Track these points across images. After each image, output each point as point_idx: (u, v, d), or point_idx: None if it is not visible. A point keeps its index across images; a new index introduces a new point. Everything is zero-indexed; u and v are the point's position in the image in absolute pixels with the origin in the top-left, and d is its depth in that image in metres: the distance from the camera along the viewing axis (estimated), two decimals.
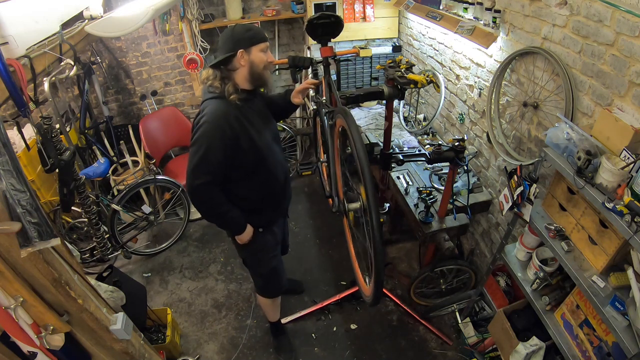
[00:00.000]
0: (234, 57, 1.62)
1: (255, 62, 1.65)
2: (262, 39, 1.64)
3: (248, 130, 1.68)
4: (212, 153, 1.60)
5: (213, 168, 1.61)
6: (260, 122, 1.78)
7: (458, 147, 1.98)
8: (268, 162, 1.80)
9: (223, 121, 1.60)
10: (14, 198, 1.01)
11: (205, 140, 1.59)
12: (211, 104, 1.64)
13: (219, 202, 1.72)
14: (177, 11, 3.41)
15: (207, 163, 1.60)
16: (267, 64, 1.68)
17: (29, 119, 1.83)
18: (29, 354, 1.26)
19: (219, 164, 1.62)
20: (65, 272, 1.25)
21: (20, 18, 1.72)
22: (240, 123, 1.65)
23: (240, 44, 1.61)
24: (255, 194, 1.85)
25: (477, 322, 2.42)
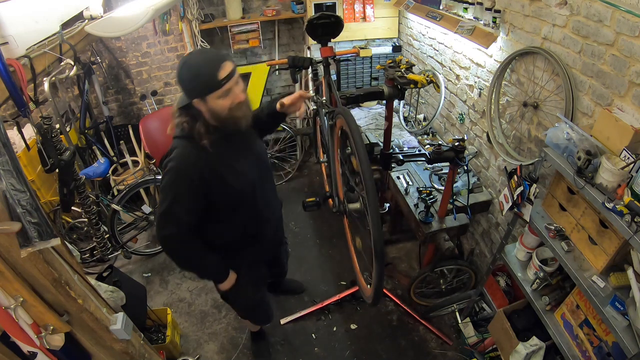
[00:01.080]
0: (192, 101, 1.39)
1: (215, 110, 1.38)
2: (215, 85, 1.31)
3: (224, 177, 1.48)
4: (179, 204, 1.43)
5: (181, 218, 1.45)
6: (243, 161, 1.56)
7: (458, 147, 1.98)
8: (253, 203, 1.63)
9: (191, 170, 1.41)
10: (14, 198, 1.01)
11: (171, 190, 1.43)
12: (180, 145, 1.44)
13: (191, 252, 1.55)
14: (177, 11, 3.41)
15: (174, 214, 1.43)
16: (234, 106, 1.39)
17: (29, 119, 1.83)
18: (29, 354, 1.26)
19: (188, 212, 1.46)
20: (65, 272, 1.25)
21: (20, 18, 1.72)
22: (213, 170, 1.44)
23: (192, 95, 1.36)
24: (236, 235, 1.69)
25: (477, 322, 2.42)
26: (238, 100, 1.39)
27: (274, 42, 4.04)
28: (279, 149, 4.24)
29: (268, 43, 4.03)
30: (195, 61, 1.35)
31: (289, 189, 4.07)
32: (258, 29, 3.70)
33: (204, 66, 1.31)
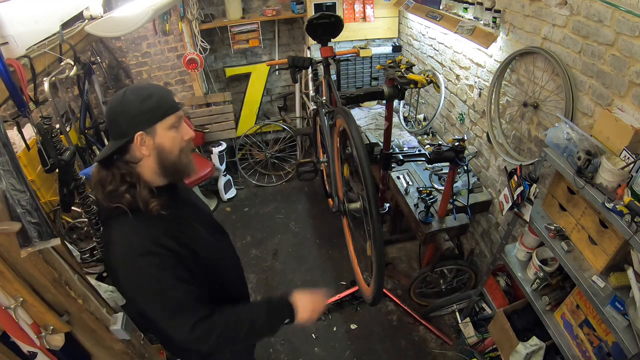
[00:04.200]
0: (131, 144, 1.06)
1: (164, 146, 1.08)
2: (170, 108, 1.07)
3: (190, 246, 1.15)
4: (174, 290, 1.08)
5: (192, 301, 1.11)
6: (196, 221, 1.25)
7: (458, 147, 1.98)
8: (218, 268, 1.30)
9: (152, 246, 1.05)
10: (14, 198, 1.01)
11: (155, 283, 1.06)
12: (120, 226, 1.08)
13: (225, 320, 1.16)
14: (177, 11, 3.41)
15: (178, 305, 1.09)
16: (184, 146, 1.12)
17: (29, 119, 1.83)
18: (29, 354, 1.26)
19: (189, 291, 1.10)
20: (65, 272, 1.25)
21: (20, 18, 1.71)
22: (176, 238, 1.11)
23: (137, 123, 1.04)
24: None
25: (477, 322, 2.42)
26: (188, 135, 1.13)
27: (274, 42, 4.04)
28: (279, 149, 4.24)
29: (268, 43, 4.03)
30: (142, 86, 1.15)
31: (289, 188, 4.07)
32: (258, 29, 3.70)
33: (155, 88, 1.09)
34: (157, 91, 1.08)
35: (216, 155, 3.70)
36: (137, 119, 1.04)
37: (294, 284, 3.00)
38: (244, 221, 3.66)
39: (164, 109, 1.06)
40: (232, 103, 3.94)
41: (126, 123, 1.04)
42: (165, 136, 1.08)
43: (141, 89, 1.07)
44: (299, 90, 4.03)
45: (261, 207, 3.84)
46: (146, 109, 1.04)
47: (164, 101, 1.07)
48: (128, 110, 1.04)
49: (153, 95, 1.06)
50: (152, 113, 1.05)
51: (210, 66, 4.00)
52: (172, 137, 1.09)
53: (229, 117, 3.93)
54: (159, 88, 1.11)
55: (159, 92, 1.08)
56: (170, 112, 1.07)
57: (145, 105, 1.04)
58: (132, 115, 1.04)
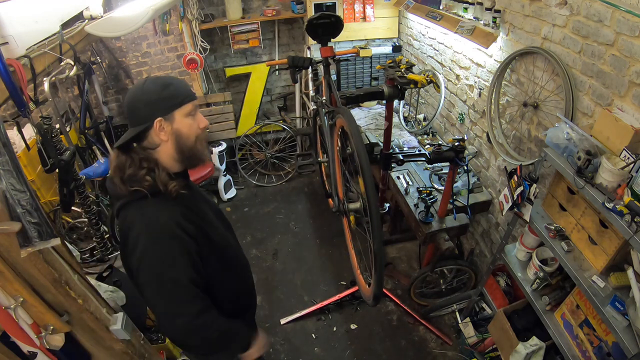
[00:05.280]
0: (150, 130, 1.11)
1: (182, 132, 1.13)
2: (187, 97, 1.13)
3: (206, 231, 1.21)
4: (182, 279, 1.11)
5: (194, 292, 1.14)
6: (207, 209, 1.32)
7: (458, 147, 1.98)
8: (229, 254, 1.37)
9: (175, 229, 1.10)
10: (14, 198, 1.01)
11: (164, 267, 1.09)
12: (141, 209, 1.11)
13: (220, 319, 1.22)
14: (177, 11, 3.41)
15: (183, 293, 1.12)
16: (199, 133, 1.18)
17: (29, 119, 1.83)
18: (29, 354, 1.26)
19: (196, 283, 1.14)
20: (65, 272, 1.25)
21: (20, 18, 1.71)
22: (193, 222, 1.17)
23: (157, 110, 1.10)
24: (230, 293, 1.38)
25: (477, 322, 2.42)
26: (204, 124, 1.19)
27: (274, 42, 4.04)
28: (279, 149, 4.24)
29: (268, 43, 4.03)
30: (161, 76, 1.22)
31: (289, 188, 4.07)
32: (258, 29, 3.70)
33: (174, 79, 1.16)
34: (175, 81, 1.15)
35: (216, 155, 3.70)
36: (157, 105, 1.10)
37: (294, 284, 3.00)
38: (244, 221, 3.66)
39: (182, 97, 1.12)
40: (232, 103, 3.94)
41: (146, 109, 1.10)
42: (183, 122, 1.14)
43: (161, 79, 1.14)
44: (299, 90, 4.04)
45: (261, 207, 3.84)
46: (166, 96, 1.10)
47: (182, 89, 1.14)
48: (148, 98, 1.10)
49: (172, 84, 1.13)
50: (172, 100, 1.11)
51: (210, 66, 4.00)
52: (189, 124, 1.15)
53: (229, 117, 3.93)
54: (177, 79, 1.18)
55: (177, 81, 1.15)
56: (188, 100, 1.13)
57: (165, 93, 1.10)
58: (152, 101, 1.10)
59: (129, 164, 1.12)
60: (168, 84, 1.12)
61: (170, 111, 1.11)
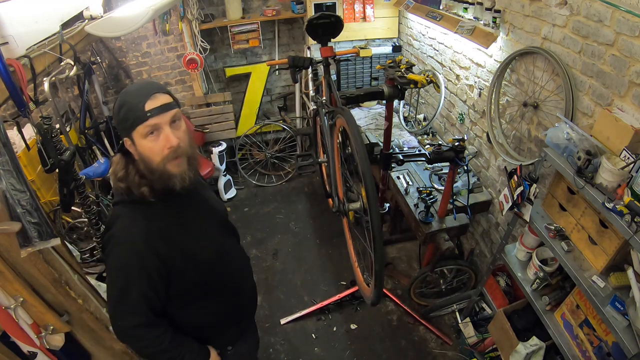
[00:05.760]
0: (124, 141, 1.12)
1: (143, 154, 1.08)
2: (136, 119, 1.03)
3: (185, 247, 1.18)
4: (132, 290, 1.12)
5: (139, 305, 1.14)
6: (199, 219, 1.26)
7: (458, 147, 1.98)
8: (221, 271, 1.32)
9: (141, 244, 1.10)
10: (14, 198, 1.01)
11: (118, 274, 1.13)
12: (121, 213, 1.15)
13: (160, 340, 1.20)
14: (177, 11, 3.41)
15: (128, 303, 1.13)
16: (166, 154, 1.07)
17: (29, 119, 1.82)
18: (29, 354, 1.26)
19: (147, 298, 1.15)
20: (65, 272, 1.25)
21: (20, 18, 1.71)
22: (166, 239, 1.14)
23: (120, 131, 1.10)
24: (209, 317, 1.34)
25: (477, 322, 2.42)
26: (169, 144, 1.06)
27: (274, 42, 4.04)
28: (279, 149, 4.24)
29: (268, 43, 4.03)
30: (127, 91, 1.11)
31: (289, 188, 4.07)
32: (258, 29, 3.70)
33: (132, 94, 1.06)
34: (128, 99, 1.05)
35: (216, 155, 3.70)
36: (118, 127, 1.11)
37: (294, 284, 3.00)
38: (244, 221, 3.66)
39: (130, 121, 1.04)
40: (232, 103, 3.94)
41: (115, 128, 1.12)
42: (142, 145, 1.07)
43: (121, 97, 1.08)
44: (299, 90, 4.04)
45: (261, 207, 3.84)
46: (120, 118, 1.07)
47: (131, 112, 1.04)
48: (114, 118, 1.11)
49: (124, 104, 1.05)
50: (124, 123, 1.06)
51: (210, 66, 4.00)
52: (149, 147, 1.07)
53: (229, 117, 3.93)
54: (137, 94, 1.06)
55: (131, 100, 1.05)
56: (137, 123, 1.04)
57: (120, 114, 1.06)
58: (115, 122, 1.12)
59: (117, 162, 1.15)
60: (122, 105, 1.06)
61: (128, 133, 1.07)
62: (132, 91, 1.09)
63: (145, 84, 1.12)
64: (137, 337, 1.19)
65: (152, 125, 1.04)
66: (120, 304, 1.15)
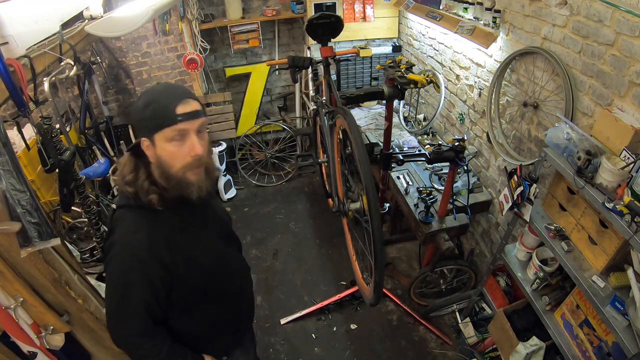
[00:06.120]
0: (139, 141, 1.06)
1: (162, 158, 1.03)
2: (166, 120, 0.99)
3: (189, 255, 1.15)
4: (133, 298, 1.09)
5: (139, 313, 1.12)
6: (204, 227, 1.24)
7: (458, 147, 1.98)
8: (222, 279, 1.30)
9: (144, 252, 1.06)
10: (14, 198, 1.01)
11: (120, 281, 1.09)
12: (126, 218, 1.10)
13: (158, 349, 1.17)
14: (177, 11, 3.41)
15: (128, 310, 1.11)
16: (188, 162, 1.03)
17: (29, 119, 1.82)
18: (29, 354, 1.26)
19: (148, 306, 1.12)
20: (65, 272, 1.25)
21: (20, 18, 1.71)
22: (174, 247, 1.11)
23: (139, 129, 1.05)
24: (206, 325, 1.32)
25: (477, 322, 2.42)
26: (194, 152, 1.02)
27: (274, 42, 4.04)
28: (279, 149, 4.24)
29: (268, 43, 4.03)
30: (155, 89, 1.08)
31: (289, 188, 4.07)
32: (258, 29, 3.70)
33: (162, 94, 1.03)
34: (158, 99, 1.01)
35: (216, 155, 3.70)
36: (138, 124, 1.05)
37: (294, 284, 3.00)
38: (244, 221, 3.66)
39: (158, 121, 1.00)
40: (232, 103, 3.94)
41: (134, 124, 1.07)
42: (163, 148, 1.02)
43: (148, 95, 1.04)
44: (299, 90, 4.04)
45: (261, 207, 3.84)
46: (145, 117, 1.01)
47: (161, 112, 1.00)
48: (134, 114, 1.05)
49: (152, 103, 1.01)
50: (149, 122, 1.01)
51: (210, 66, 4.00)
52: (171, 152, 1.02)
53: (229, 117, 3.93)
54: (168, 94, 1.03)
55: (161, 100, 1.01)
56: (166, 124, 0.99)
57: (145, 113, 1.01)
58: (135, 120, 1.06)
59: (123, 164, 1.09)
60: (149, 103, 1.01)
61: (150, 134, 1.02)
62: (162, 91, 1.06)
63: (176, 87, 1.08)
64: (136, 345, 1.16)
65: (180, 130, 1.00)
66: (120, 311, 1.12)
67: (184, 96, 1.02)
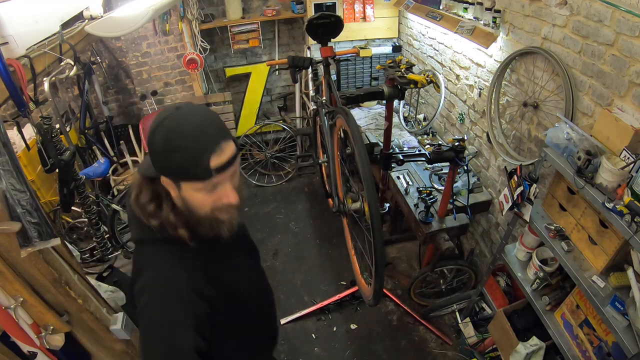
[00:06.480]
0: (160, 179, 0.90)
1: (190, 203, 0.89)
2: (200, 174, 0.83)
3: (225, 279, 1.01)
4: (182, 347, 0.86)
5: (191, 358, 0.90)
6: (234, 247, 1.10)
7: (458, 147, 1.98)
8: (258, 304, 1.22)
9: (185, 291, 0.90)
10: (14, 198, 1.01)
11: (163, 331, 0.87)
12: (152, 254, 0.94)
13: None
14: (177, 11, 3.41)
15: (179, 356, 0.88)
16: (218, 206, 0.90)
17: (29, 119, 1.83)
18: (29, 354, 1.26)
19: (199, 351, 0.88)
20: (65, 272, 1.25)
21: (20, 18, 1.72)
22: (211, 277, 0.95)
23: (159, 169, 0.87)
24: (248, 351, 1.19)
25: (477, 322, 2.42)
26: (226, 201, 0.89)
27: (274, 42, 4.04)
28: (279, 149, 4.24)
29: (268, 43, 4.03)
30: (182, 131, 0.82)
31: (289, 188, 4.07)
32: (258, 29, 3.70)
33: (192, 140, 0.82)
34: (187, 146, 0.81)
35: None
36: (159, 165, 0.86)
37: (294, 283, 3.00)
38: (244, 221, 3.66)
39: (187, 174, 0.84)
40: (232, 103, 3.94)
41: (153, 162, 0.86)
42: (191, 196, 0.88)
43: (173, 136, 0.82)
44: (299, 90, 4.04)
45: (261, 207, 3.84)
46: (168, 163, 0.84)
47: (191, 164, 0.82)
48: (153, 152, 0.85)
49: (179, 150, 0.81)
50: (174, 170, 0.85)
51: (210, 66, 4.00)
52: (200, 200, 0.88)
53: (229, 117, 3.94)
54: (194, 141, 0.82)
55: (191, 148, 0.81)
56: (196, 179, 0.84)
57: (168, 158, 0.83)
58: (155, 159, 0.86)
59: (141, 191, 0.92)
60: (175, 149, 0.81)
61: (175, 180, 0.86)
62: (192, 134, 0.82)
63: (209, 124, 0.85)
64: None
65: (213, 185, 0.86)
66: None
67: (217, 140, 0.84)
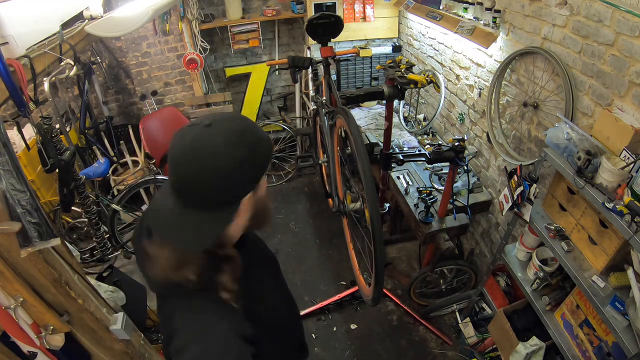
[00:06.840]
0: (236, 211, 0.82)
1: (261, 195, 0.88)
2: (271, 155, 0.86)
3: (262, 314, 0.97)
4: None
5: None
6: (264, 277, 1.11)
7: (458, 147, 1.98)
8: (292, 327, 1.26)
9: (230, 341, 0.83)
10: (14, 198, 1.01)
11: None
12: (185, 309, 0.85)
13: None
14: (177, 11, 3.41)
15: None
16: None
17: (29, 119, 1.83)
18: (29, 354, 1.26)
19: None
20: (65, 272, 1.25)
21: (20, 18, 1.71)
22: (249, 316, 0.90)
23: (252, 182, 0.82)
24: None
25: (477, 322, 2.42)
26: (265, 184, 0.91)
27: (274, 42, 4.04)
28: (279, 149, 4.24)
29: (268, 43, 4.03)
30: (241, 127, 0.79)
31: (289, 188, 4.07)
32: (258, 29, 3.70)
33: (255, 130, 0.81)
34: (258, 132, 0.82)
35: None
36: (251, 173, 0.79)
37: (294, 283, 3.00)
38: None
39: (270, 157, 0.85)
40: (232, 103, 3.94)
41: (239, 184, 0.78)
42: (262, 186, 0.87)
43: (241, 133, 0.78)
44: (299, 90, 4.04)
45: None
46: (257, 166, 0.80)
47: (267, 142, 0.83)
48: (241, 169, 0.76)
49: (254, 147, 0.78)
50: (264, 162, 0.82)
51: (210, 66, 4.00)
52: (265, 186, 0.89)
53: None
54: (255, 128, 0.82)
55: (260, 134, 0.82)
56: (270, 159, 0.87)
57: (254, 162, 0.78)
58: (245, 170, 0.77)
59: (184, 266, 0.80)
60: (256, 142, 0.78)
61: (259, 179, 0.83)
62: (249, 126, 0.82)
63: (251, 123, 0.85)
64: None
65: None
66: None
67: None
